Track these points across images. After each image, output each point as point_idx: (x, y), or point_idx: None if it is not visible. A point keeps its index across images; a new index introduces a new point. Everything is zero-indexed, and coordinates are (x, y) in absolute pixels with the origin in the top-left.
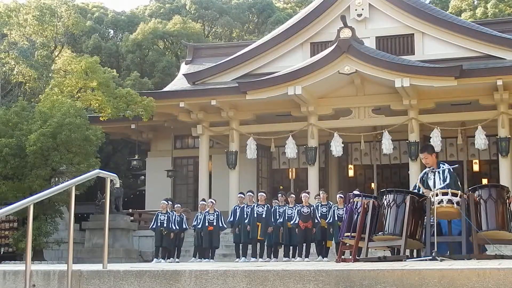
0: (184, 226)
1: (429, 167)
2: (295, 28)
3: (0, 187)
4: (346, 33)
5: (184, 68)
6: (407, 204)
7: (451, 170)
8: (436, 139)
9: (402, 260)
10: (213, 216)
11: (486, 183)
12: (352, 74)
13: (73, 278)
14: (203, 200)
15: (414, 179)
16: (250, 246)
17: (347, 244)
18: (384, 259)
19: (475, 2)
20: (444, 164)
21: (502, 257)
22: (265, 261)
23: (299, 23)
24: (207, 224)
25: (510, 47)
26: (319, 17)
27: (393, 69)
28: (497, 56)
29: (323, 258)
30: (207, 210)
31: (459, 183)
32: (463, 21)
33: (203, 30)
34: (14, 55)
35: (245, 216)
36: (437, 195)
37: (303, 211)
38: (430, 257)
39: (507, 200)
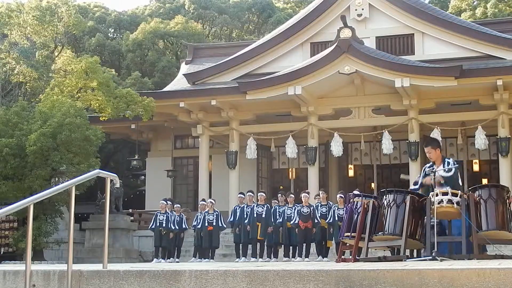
0: (183, 226)
1: (432, 162)
2: (295, 28)
3: (0, 187)
4: (346, 33)
5: (184, 68)
6: (407, 204)
7: (456, 164)
8: None
9: (402, 260)
10: (213, 216)
11: (486, 183)
12: (352, 74)
13: (73, 278)
14: (203, 200)
15: (414, 179)
16: (250, 246)
17: (347, 244)
18: (384, 259)
19: (475, 2)
20: (449, 159)
21: (502, 257)
22: (265, 261)
23: (299, 23)
24: (206, 224)
25: (510, 47)
26: (319, 17)
27: (393, 69)
28: (497, 56)
29: (323, 258)
30: (206, 210)
31: (459, 181)
32: (463, 21)
33: (203, 30)
34: (15, 55)
35: (245, 216)
36: (437, 195)
37: (303, 211)
38: (430, 257)
39: (507, 200)
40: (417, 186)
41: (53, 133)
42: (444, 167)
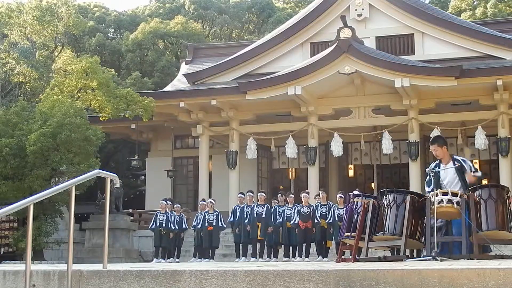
0: (183, 226)
1: (439, 160)
2: (295, 28)
3: (0, 187)
4: (346, 33)
5: (184, 68)
6: (407, 204)
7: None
8: None
9: (402, 260)
10: (213, 216)
11: (486, 183)
12: (352, 74)
13: (73, 278)
14: (203, 200)
15: (414, 179)
16: (250, 246)
17: (347, 244)
18: (384, 259)
19: (475, 2)
20: (458, 157)
21: (502, 257)
22: (265, 261)
23: (299, 23)
24: (206, 224)
25: (510, 47)
26: (319, 17)
27: (393, 69)
28: (497, 56)
29: (323, 258)
30: (206, 210)
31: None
32: (463, 21)
33: (203, 30)
34: (15, 55)
35: (245, 216)
36: (437, 195)
37: (303, 211)
38: (430, 257)
39: (507, 200)
40: (431, 188)
41: (53, 133)
42: (457, 164)
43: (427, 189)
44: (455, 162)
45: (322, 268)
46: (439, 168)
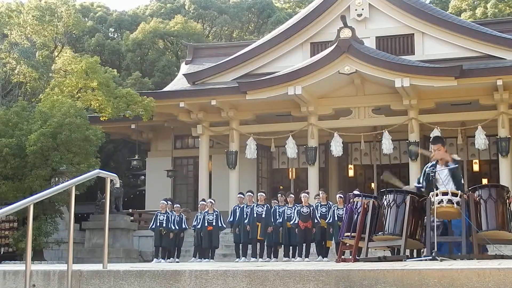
0: (183, 226)
1: (436, 160)
2: (295, 28)
3: (0, 187)
4: (346, 33)
5: (184, 68)
6: (407, 204)
7: (459, 169)
8: None
9: (402, 260)
10: (213, 216)
11: (486, 183)
12: (352, 74)
13: (73, 278)
14: (203, 200)
15: (414, 179)
16: (250, 246)
17: (347, 244)
18: (384, 259)
19: (475, 2)
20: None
21: (502, 257)
22: (265, 261)
23: (299, 23)
24: (206, 224)
25: (510, 47)
26: (319, 17)
27: (393, 69)
28: (497, 56)
29: (323, 258)
30: (206, 210)
31: (462, 181)
32: (463, 21)
33: (203, 30)
34: (15, 55)
35: (245, 216)
36: (437, 195)
37: (302, 211)
38: (430, 257)
39: (507, 200)
40: (420, 185)
41: (53, 133)
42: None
43: (415, 184)
44: (449, 164)
45: (322, 268)
46: (435, 168)
